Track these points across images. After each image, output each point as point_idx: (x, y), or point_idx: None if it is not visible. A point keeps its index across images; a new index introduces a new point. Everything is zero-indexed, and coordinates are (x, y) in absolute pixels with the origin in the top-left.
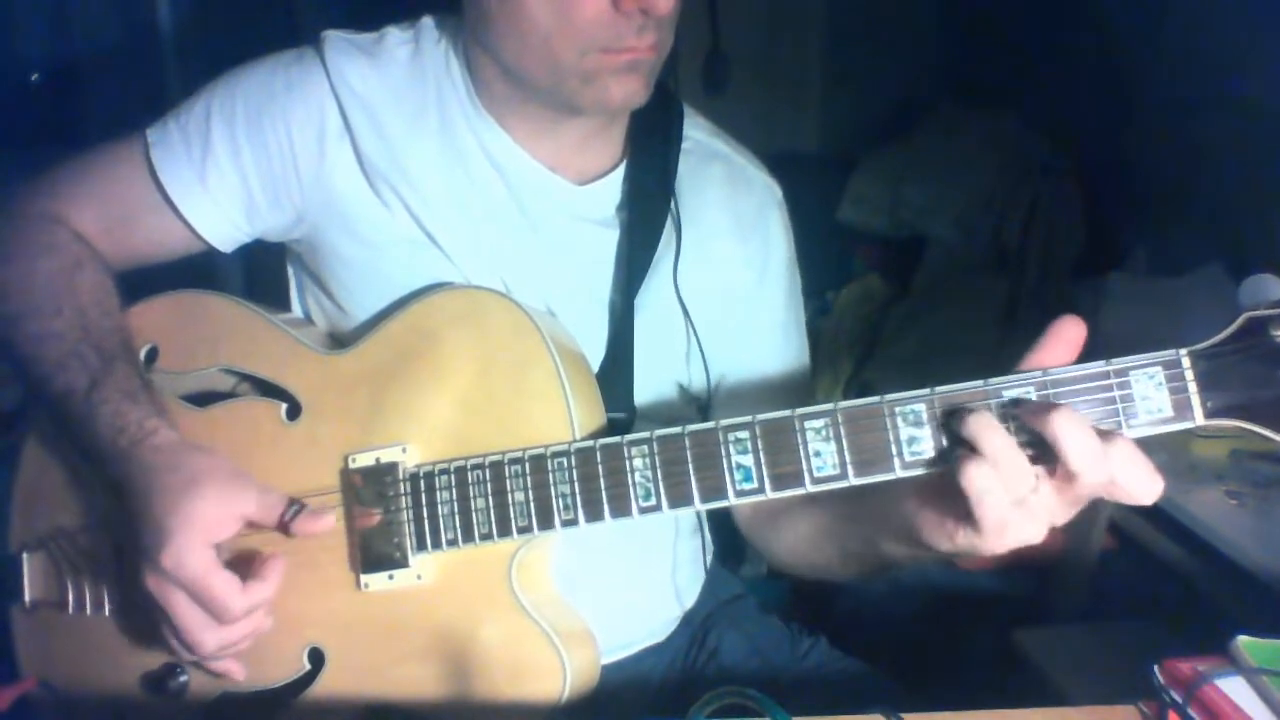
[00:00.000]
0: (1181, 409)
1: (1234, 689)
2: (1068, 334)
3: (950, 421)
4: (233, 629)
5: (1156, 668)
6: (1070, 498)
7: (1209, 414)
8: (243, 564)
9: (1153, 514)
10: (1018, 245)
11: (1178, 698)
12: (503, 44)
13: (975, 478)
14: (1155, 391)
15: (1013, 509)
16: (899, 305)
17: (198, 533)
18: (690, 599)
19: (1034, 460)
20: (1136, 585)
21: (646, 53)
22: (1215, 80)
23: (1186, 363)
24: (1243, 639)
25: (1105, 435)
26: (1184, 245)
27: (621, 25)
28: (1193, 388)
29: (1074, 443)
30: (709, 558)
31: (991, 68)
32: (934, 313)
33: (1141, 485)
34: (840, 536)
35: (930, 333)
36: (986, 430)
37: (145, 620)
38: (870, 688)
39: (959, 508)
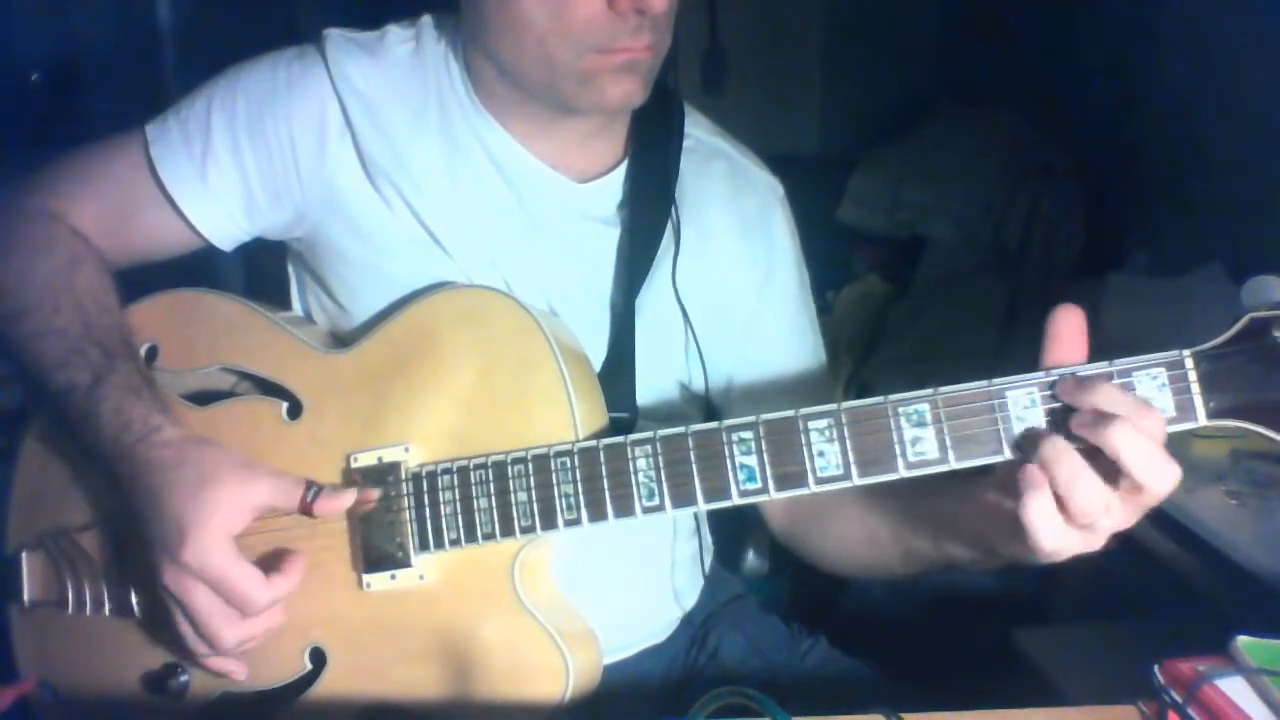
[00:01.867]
0: (1184, 409)
1: (1234, 689)
2: (1069, 328)
3: (1020, 446)
4: (252, 623)
5: (1156, 668)
6: (1137, 507)
7: (1211, 414)
8: (261, 560)
9: (1153, 514)
10: (1018, 245)
11: (1178, 698)
12: (499, 44)
13: (1036, 515)
14: (1158, 392)
15: (1074, 533)
16: (899, 305)
17: (217, 525)
18: (689, 600)
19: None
20: (1136, 585)
21: (643, 53)
22: (1215, 80)
23: (1189, 363)
24: (1243, 639)
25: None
26: (1184, 245)
27: (617, 25)
28: (1195, 388)
29: (1139, 458)
30: (708, 559)
31: (991, 68)
32: (934, 313)
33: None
34: (905, 538)
35: (930, 333)
36: (1061, 456)
37: (146, 620)
38: (870, 688)
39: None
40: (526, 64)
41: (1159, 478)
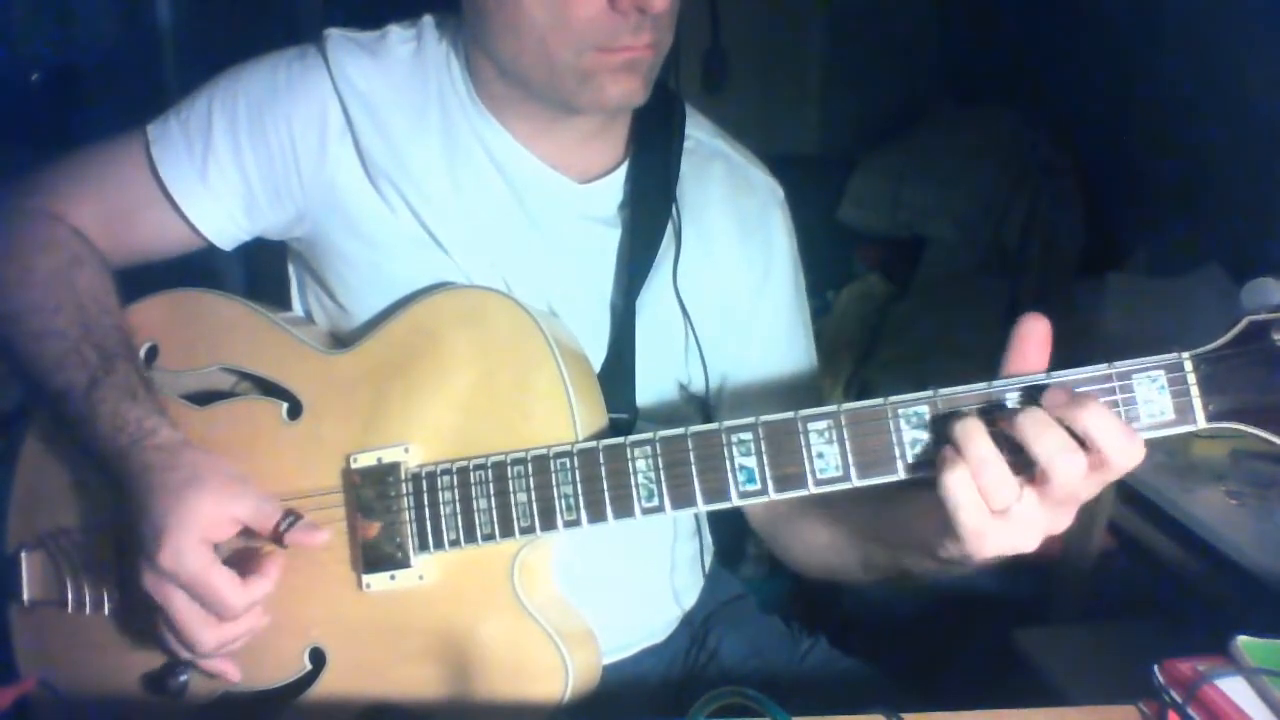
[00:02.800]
0: (1183, 412)
1: (1234, 689)
2: (1034, 335)
3: (941, 425)
4: (232, 626)
5: (1156, 668)
6: (1053, 503)
7: (1210, 417)
8: (241, 562)
9: (1153, 514)
10: (1018, 245)
11: (1178, 698)
12: (500, 43)
13: (951, 487)
14: (1157, 394)
15: (992, 519)
16: (899, 305)
17: (196, 531)
18: (689, 601)
19: (1015, 469)
20: (1136, 585)
21: (644, 52)
22: (1215, 80)
23: (1188, 366)
24: (1243, 639)
25: (1081, 400)
26: (1184, 245)
27: (618, 24)
28: (1194, 391)
29: (1107, 433)
30: (708, 559)
31: (991, 68)
32: (934, 313)
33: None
34: (861, 545)
35: (930, 333)
36: (971, 436)
37: (145, 619)
38: (870, 688)
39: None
40: (527, 63)
41: (1124, 451)
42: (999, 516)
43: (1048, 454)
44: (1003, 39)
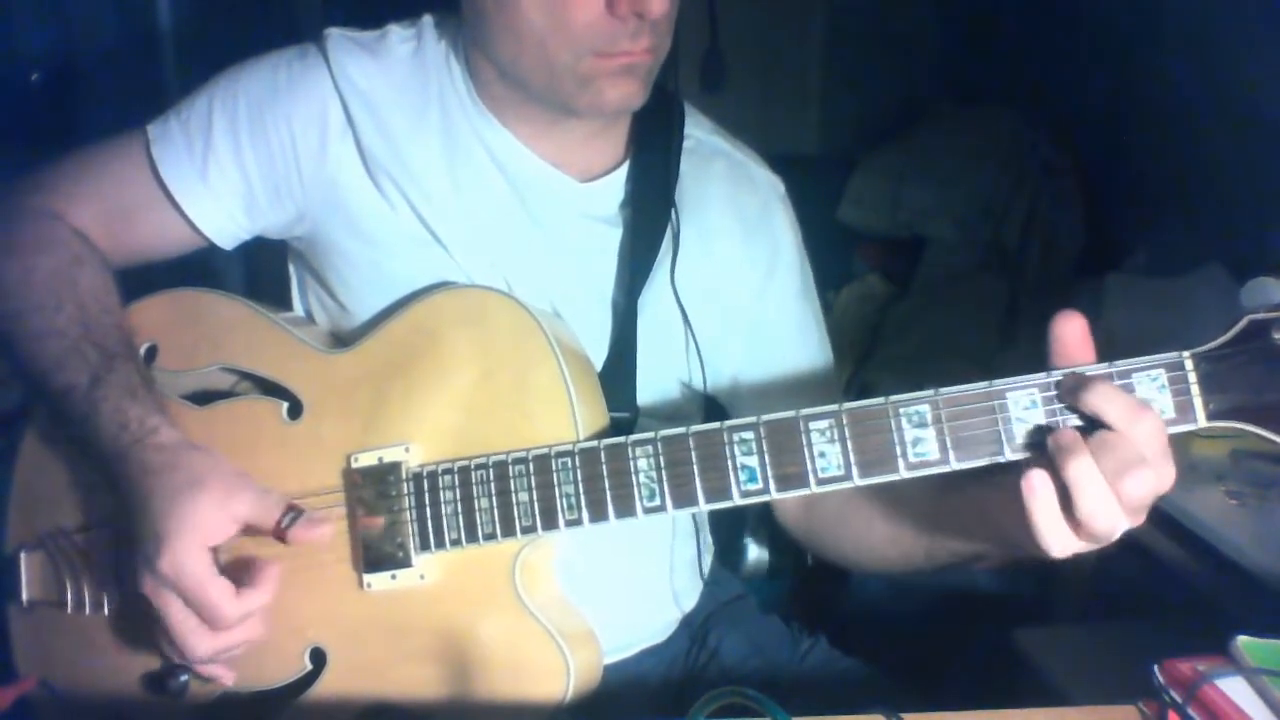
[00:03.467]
0: (1184, 411)
1: (1234, 689)
2: (1072, 334)
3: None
4: (226, 636)
5: (1156, 668)
6: (1130, 511)
7: (1211, 416)
8: (239, 569)
9: (1153, 514)
10: (1018, 245)
11: (1178, 698)
12: (499, 46)
13: (1042, 516)
14: (1158, 393)
15: (1080, 537)
16: (899, 305)
17: (194, 536)
18: (689, 601)
19: None
20: (1136, 585)
21: (642, 56)
22: (1215, 80)
23: (1189, 365)
24: (1243, 639)
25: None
26: (1184, 245)
27: (616, 29)
28: (1195, 390)
29: (1117, 408)
30: (708, 559)
31: (991, 68)
32: (934, 313)
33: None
34: (928, 536)
35: (930, 333)
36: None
37: (144, 620)
38: (870, 688)
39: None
40: (526, 66)
41: (1140, 491)
42: (1088, 534)
43: (1115, 473)
44: (1003, 39)
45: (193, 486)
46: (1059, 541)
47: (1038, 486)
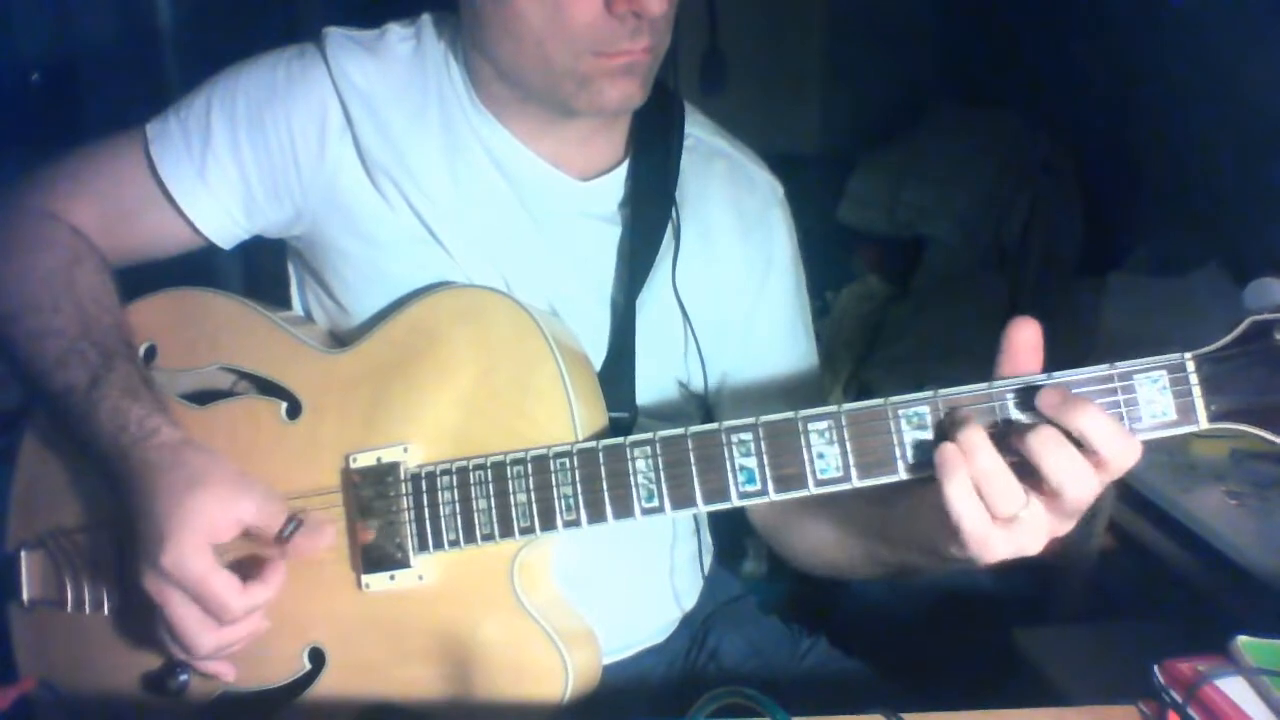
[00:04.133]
0: (1185, 412)
1: (1234, 689)
2: (1024, 340)
3: (944, 430)
4: (231, 630)
5: (1156, 668)
6: (1061, 513)
7: (1212, 418)
8: (241, 567)
9: (1153, 514)
10: (1018, 245)
11: (1178, 698)
12: (498, 47)
13: (955, 497)
14: (1159, 395)
15: (996, 526)
16: (899, 305)
17: (197, 533)
18: (689, 601)
19: (1019, 473)
20: (1136, 585)
21: (641, 55)
22: (1215, 80)
23: (1190, 366)
24: (1243, 639)
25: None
26: (1184, 245)
27: (615, 28)
28: (1196, 391)
29: (1103, 434)
30: (708, 559)
31: (991, 68)
32: (934, 313)
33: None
34: (867, 543)
35: (930, 333)
36: (976, 447)
37: (145, 619)
38: (870, 688)
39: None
40: (525, 66)
41: (1079, 491)
42: (1003, 524)
43: (1058, 471)
44: (1003, 39)
45: (196, 485)
46: (974, 521)
47: (951, 465)
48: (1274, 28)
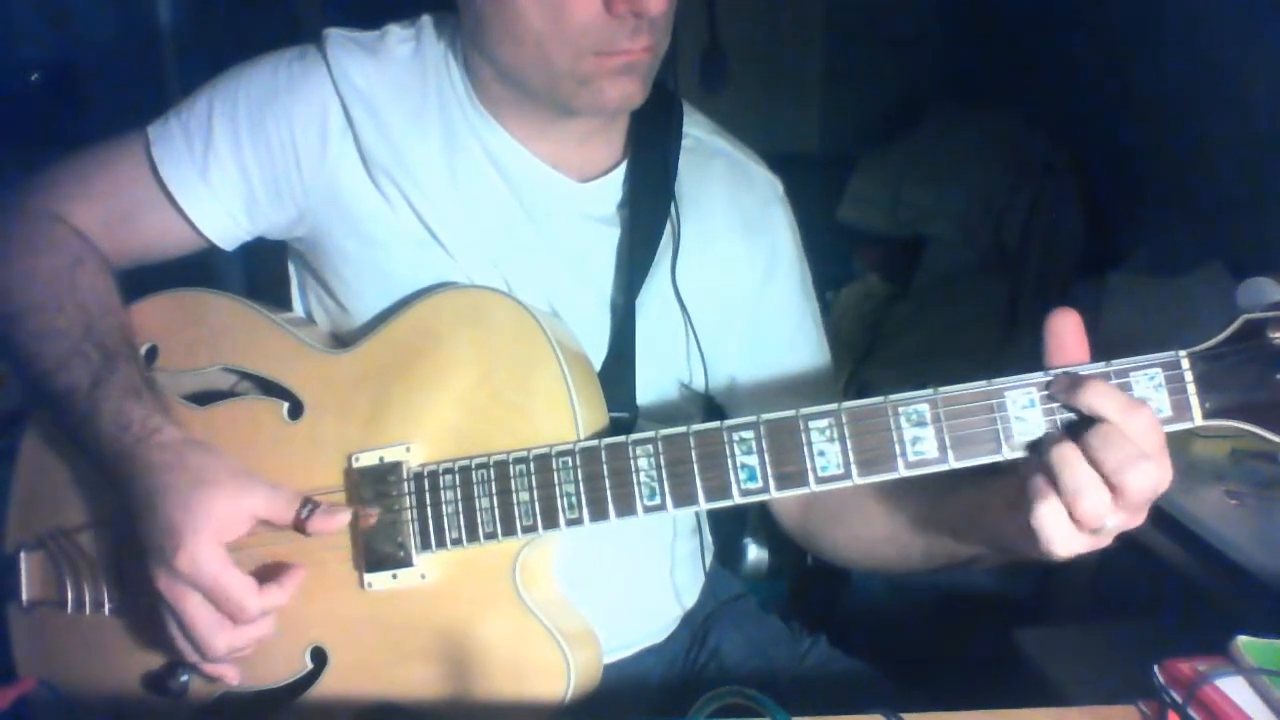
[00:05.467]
0: (1180, 409)
1: (1234, 689)
2: (1068, 331)
3: (1031, 444)
4: (244, 631)
5: (1156, 668)
6: (1131, 508)
7: (1207, 415)
8: (257, 573)
9: (1153, 514)
10: (1018, 245)
11: (1178, 698)
12: (497, 47)
13: (1046, 520)
14: (1154, 392)
15: (1079, 534)
16: (899, 305)
17: (210, 532)
18: (690, 599)
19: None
20: (1136, 585)
21: (641, 55)
22: (1215, 80)
23: (1185, 364)
24: (1243, 639)
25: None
26: (1184, 245)
27: (615, 28)
28: (1191, 389)
29: (1110, 405)
30: (708, 558)
31: (991, 67)
32: (934, 313)
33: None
34: (925, 536)
35: (930, 333)
36: (1067, 462)
37: (146, 620)
38: (870, 688)
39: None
40: (524, 66)
41: (1143, 484)
42: (1092, 535)
43: (1118, 467)
44: (1003, 39)
45: (203, 484)
46: (1063, 542)
47: (1043, 488)
48: (1274, 28)
